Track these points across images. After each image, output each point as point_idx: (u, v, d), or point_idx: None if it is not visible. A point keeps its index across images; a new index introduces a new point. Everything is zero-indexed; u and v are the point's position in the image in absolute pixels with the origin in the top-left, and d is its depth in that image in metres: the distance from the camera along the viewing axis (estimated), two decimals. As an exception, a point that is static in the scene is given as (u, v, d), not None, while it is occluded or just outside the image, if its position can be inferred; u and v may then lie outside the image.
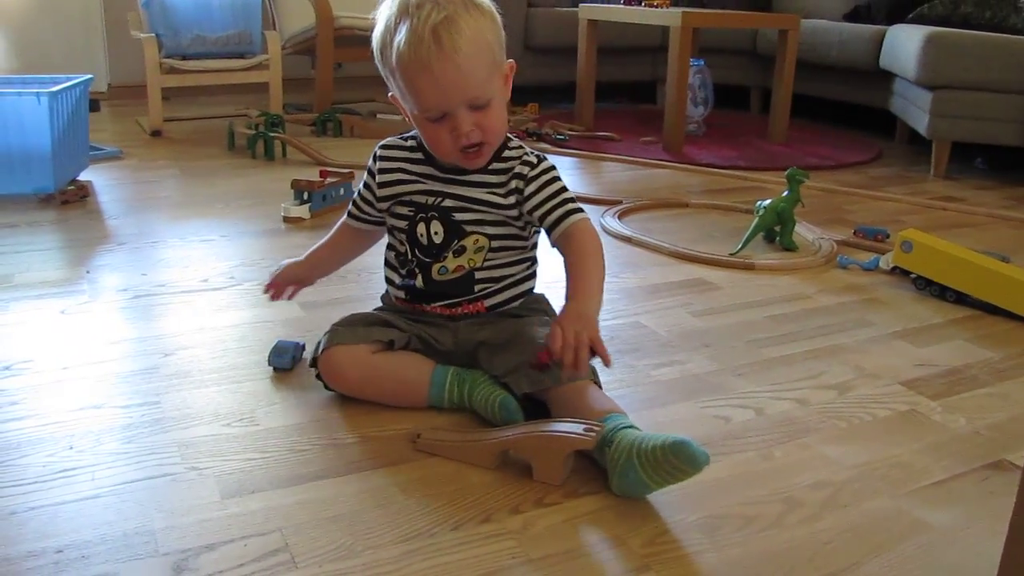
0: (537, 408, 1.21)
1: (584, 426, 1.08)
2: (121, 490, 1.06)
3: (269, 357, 1.39)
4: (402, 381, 1.26)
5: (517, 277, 1.32)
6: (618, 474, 1.05)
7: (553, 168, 1.28)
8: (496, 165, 1.26)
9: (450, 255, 1.27)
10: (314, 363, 1.30)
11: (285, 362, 1.38)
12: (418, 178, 1.28)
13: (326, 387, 1.30)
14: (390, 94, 1.25)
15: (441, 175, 1.27)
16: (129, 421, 1.22)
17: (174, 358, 1.43)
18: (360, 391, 1.28)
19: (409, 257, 1.30)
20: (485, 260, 1.27)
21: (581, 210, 1.25)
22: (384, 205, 1.32)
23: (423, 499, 1.06)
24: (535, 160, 1.27)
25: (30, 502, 1.03)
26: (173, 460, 1.13)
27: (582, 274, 1.20)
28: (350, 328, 1.29)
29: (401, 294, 1.33)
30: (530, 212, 1.25)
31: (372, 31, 1.22)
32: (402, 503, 1.05)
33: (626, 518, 1.03)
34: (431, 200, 1.27)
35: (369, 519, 1.02)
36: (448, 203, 1.26)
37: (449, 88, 1.14)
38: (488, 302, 1.30)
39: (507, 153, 1.27)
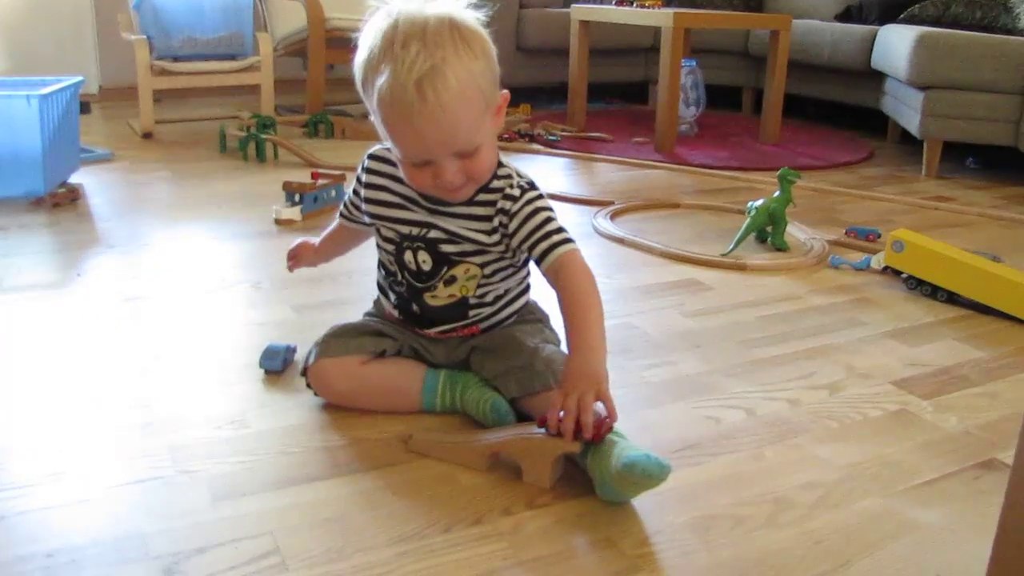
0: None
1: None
2: (111, 493, 1.05)
3: (260, 360, 1.39)
4: (393, 388, 1.26)
5: (512, 295, 1.30)
6: (598, 486, 1.06)
7: (538, 198, 1.19)
8: (482, 197, 1.18)
9: (440, 284, 1.23)
10: (304, 372, 1.29)
11: (276, 365, 1.38)
12: (403, 201, 1.23)
13: (316, 395, 1.29)
14: (371, 117, 1.15)
15: (425, 203, 1.21)
16: (119, 424, 1.22)
17: (165, 361, 1.43)
18: (352, 402, 1.27)
19: (399, 279, 1.27)
20: (478, 287, 1.24)
21: (569, 241, 1.17)
22: (369, 221, 1.28)
23: (414, 501, 1.06)
24: (518, 193, 1.18)
25: (19, 506, 1.02)
26: (164, 463, 1.12)
27: (580, 324, 1.12)
28: (339, 339, 1.27)
29: (395, 313, 1.31)
30: (518, 246, 1.19)
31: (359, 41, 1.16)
32: (393, 505, 1.05)
33: (617, 519, 1.03)
34: (415, 231, 1.22)
35: (360, 521, 1.01)
36: (433, 234, 1.21)
37: (431, 142, 1.07)
38: (483, 325, 1.29)
39: (494, 184, 1.19)
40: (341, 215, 1.39)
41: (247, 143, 3.04)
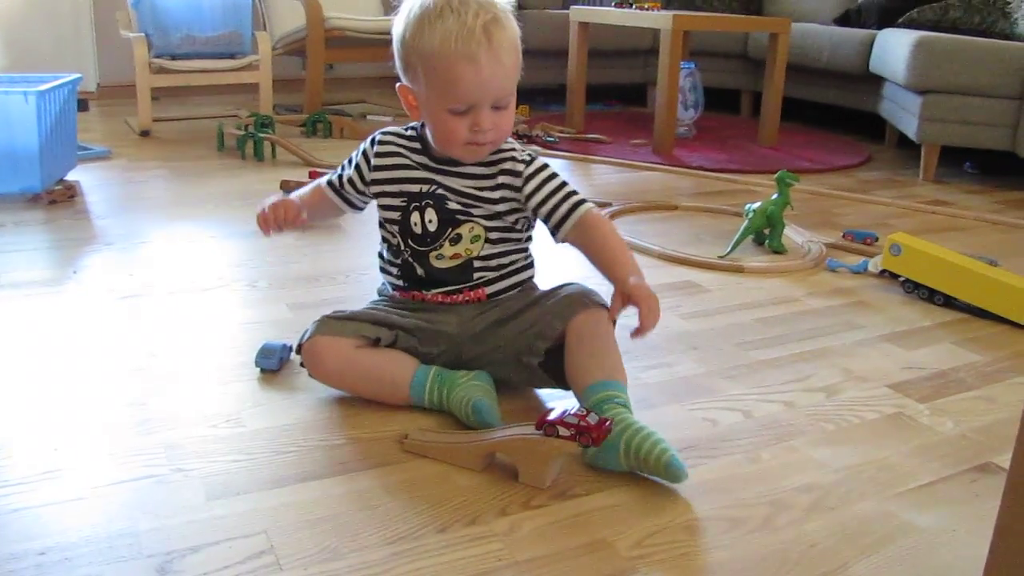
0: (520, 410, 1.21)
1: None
2: (106, 492, 1.05)
3: (256, 358, 1.39)
4: (383, 377, 1.27)
5: (517, 266, 1.34)
6: (595, 452, 1.11)
7: (547, 165, 1.30)
8: (487, 158, 1.28)
9: (446, 243, 1.29)
10: (299, 350, 1.30)
11: (272, 363, 1.38)
12: (414, 164, 1.31)
13: (310, 375, 1.30)
14: (399, 84, 1.26)
15: (435, 165, 1.29)
16: (114, 422, 1.21)
17: (161, 359, 1.43)
18: (339, 383, 1.29)
19: (402, 248, 1.31)
20: (483, 250, 1.29)
21: (586, 200, 1.28)
22: (375, 189, 1.33)
23: (409, 501, 1.05)
24: (528, 158, 1.29)
25: (13, 504, 1.02)
26: (158, 461, 1.12)
27: (622, 253, 1.25)
28: (338, 321, 1.29)
29: (400, 282, 1.34)
30: (534, 210, 1.28)
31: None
32: (388, 505, 1.04)
33: (613, 521, 1.03)
34: (425, 188, 1.29)
35: (355, 521, 1.01)
36: (441, 191, 1.28)
37: (488, 82, 1.18)
38: (489, 289, 1.32)
39: (509, 150, 1.29)
40: (330, 185, 1.39)
41: (245, 142, 3.04)
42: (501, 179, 1.27)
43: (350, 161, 1.37)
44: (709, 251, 2.12)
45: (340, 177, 1.38)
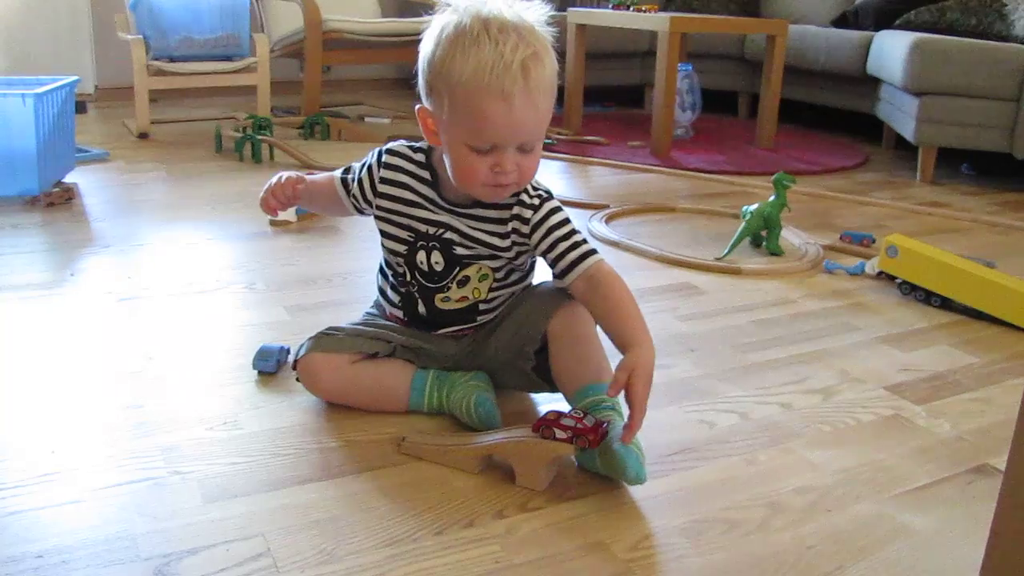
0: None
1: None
2: (103, 494, 1.05)
3: (253, 361, 1.39)
4: (382, 388, 1.26)
5: (516, 290, 1.31)
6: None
7: (558, 208, 1.22)
8: (516, 209, 1.21)
9: (453, 285, 1.25)
10: (295, 366, 1.29)
11: (269, 366, 1.38)
12: (421, 200, 1.24)
13: (307, 390, 1.29)
14: (419, 106, 1.18)
15: (444, 204, 1.23)
16: (112, 425, 1.21)
17: (158, 362, 1.43)
18: (338, 398, 1.28)
19: (408, 279, 1.27)
20: (490, 290, 1.26)
21: (595, 251, 1.20)
22: (379, 213, 1.27)
23: (406, 504, 1.06)
24: (537, 202, 1.21)
25: (10, 506, 1.02)
26: (156, 464, 1.12)
27: (635, 321, 1.15)
28: (333, 337, 1.27)
29: (399, 314, 1.32)
30: (541, 255, 1.22)
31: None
32: (385, 507, 1.05)
33: (610, 523, 1.03)
34: (432, 230, 1.23)
35: (352, 523, 1.01)
36: (449, 235, 1.22)
37: (518, 124, 1.09)
38: (484, 319, 1.30)
39: (524, 198, 1.21)
40: (343, 182, 1.31)
41: (243, 144, 3.04)
42: (512, 224, 1.21)
43: (360, 169, 1.30)
44: (706, 253, 2.13)
45: (354, 180, 1.30)
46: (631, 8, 3.74)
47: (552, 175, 3.05)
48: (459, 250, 1.23)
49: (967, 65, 2.97)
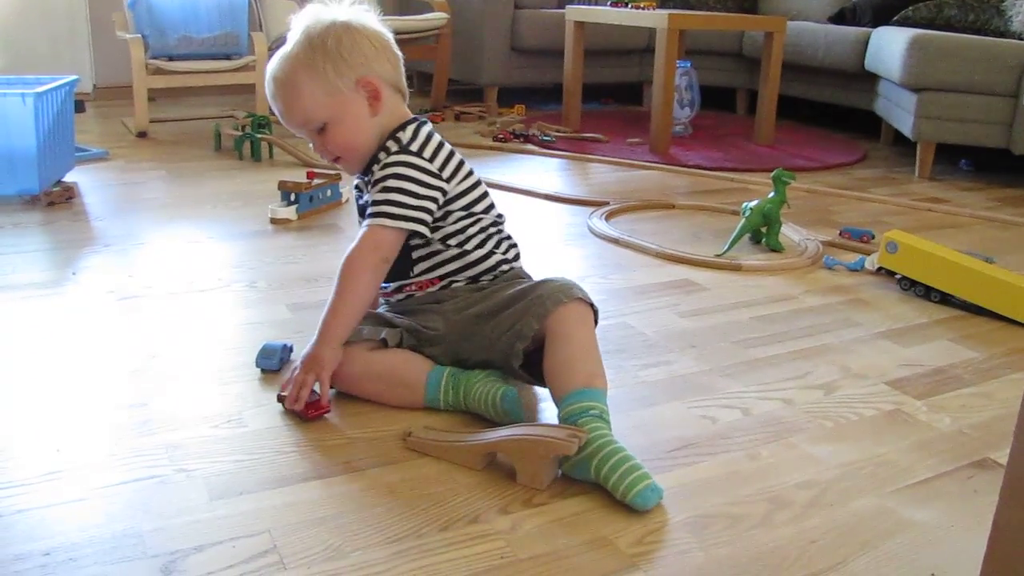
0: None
1: (567, 432, 1.08)
2: (109, 492, 1.05)
3: (257, 359, 1.39)
4: (398, 380, 1.27)
5: (451, 254, 1.33)
6: (571, 463, 1.10)
7: (394, 165, 1.29)
8: (373, 168, 1.33)
9: None
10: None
11: (272, 364, 1.38)
12: (358, 186, 1.42)
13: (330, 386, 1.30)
14: None
15: (359, 181, 1.41)
16: (116, 423, 1.22)
17: (161, 360, 1.43)
18: (358, 389, 1.29)
19: None
20: (409, 247, 1.33)
21: (382, 215, 1.27)
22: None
23: (412, 500, 1.06)
24: (381, 159, 1.32)
25: (17, 505, 1.02)
26: (161, 462, 1.12)
27: (328, 309, 1.27)
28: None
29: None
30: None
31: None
32: (391, 504, 1.05)
33: (614, 519, 1.04)
34: (360, 200, 1.41)
35: (358, 520, 1.02)
36: (363, 201, 1.38)
37: (286, 122, 1.33)
38: (432, 276, 1.34)
39: (379, 155, 1.32)
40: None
41: (242, 142, 3.04)
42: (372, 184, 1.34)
43: None
44: (707, 249, 2.13)
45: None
46: (629, 5, 3.74)
47: (551, 172, 3.06)
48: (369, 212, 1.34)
49: (965, 61, 2.98)
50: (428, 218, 1.29)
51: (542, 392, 1.34)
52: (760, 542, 1.01)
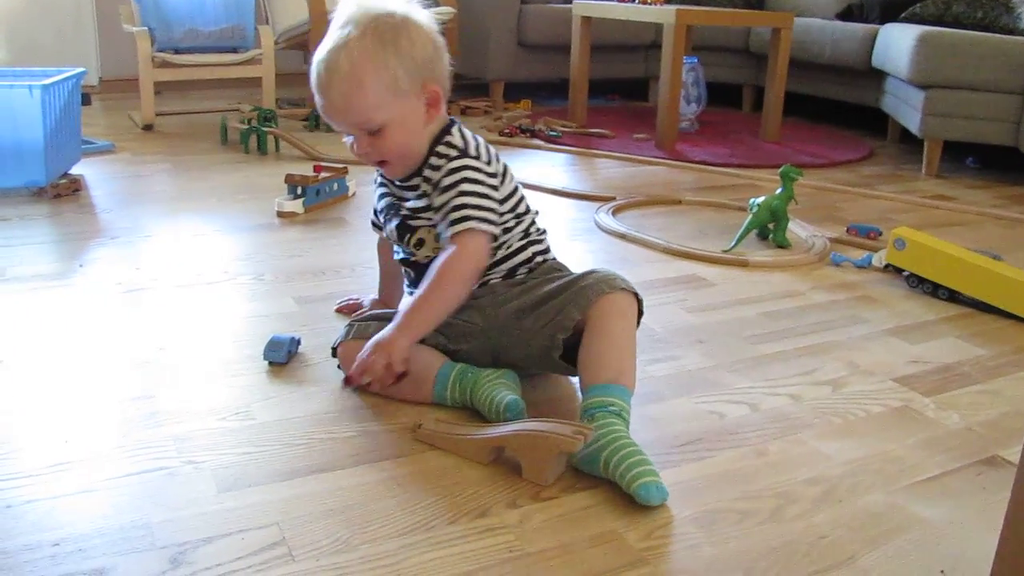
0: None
1: (573, 428, 1.08)
2: (117, 484, 1.05)
3: (264, 351, 1.39)
4: (409, 375, 1.27)
5: (497, 256, 1.33)
6: (581, 456, 1.10)
7: (462, 169, 1.26)
8: (427, 172, 1.29)
9: (412, 248, 1.34)
10: (334, 353, 1.34)
11: (280, 356, 1.38)
12: (390, 186, 1.37)
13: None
14: None
15: (397, 183, 1.35)
16: (124, 415, 1.22)
17: (169, 352, 1.43)
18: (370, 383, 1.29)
19: (400, 253, 1.40)
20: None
21: (472, 219, 1.24)
22: (381, 214, 1.41)
23: (420, 493, 1.06)
24: (443, 163, 1.27)
25: (26, 495, 1.02)
26: (169, 454, 1.12)
27: (415, 302, 1.25)
28: (364, 323, 1.33)
29: (409, 289, 1.42)
30: (440, 219, 1.28)
31: None
32: (399, 497, 1.05)
33: (623, 513, 1.04)
34: (392, 203, 1.37)
35: (366, 512, 1.02)
36: (399, 204, 1.36)
37: (333, 116, 1.25)
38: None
39: (433, 159, 1.28)
40: (373, 225, 1.49)
41: (248, 136, 3.04)
42: (423, 188, 1.30)
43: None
44: (714, 245, 2.13)
45: (374, 214, 1.46)
46: (636, 0, 3.73)
47: (558, 167, 3.05)
48: (404, 213, 1.34)
49: (973, 58, 2.97)
50: (500, 221, 1.29)
51: (567, 390, 1.34)
52: (769, 537, 1.01)
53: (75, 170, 2.59)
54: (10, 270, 1.78)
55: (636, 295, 1.27)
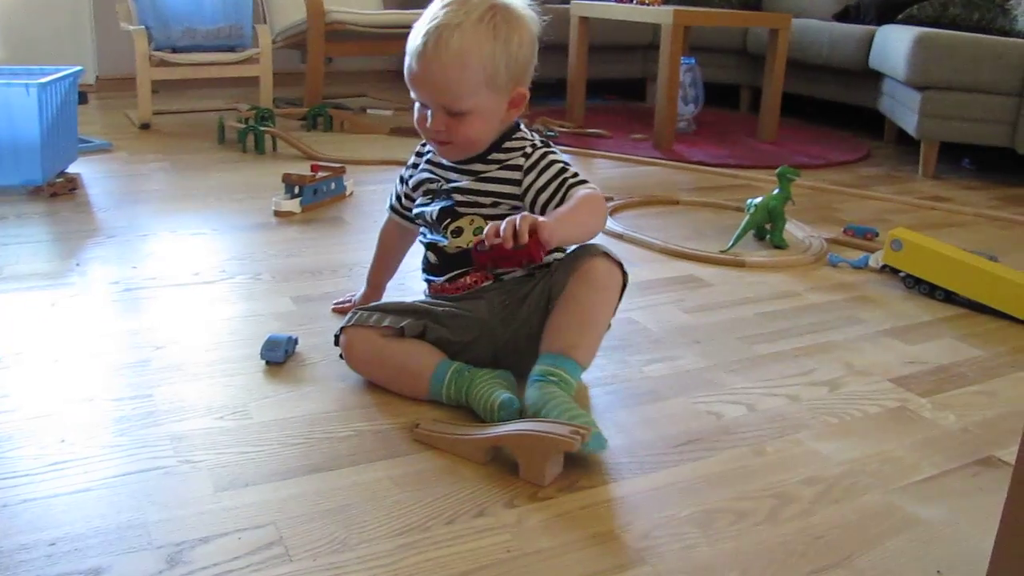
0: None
1: (571, 428, 1.08)
2: (114, 483, 1.05)
3: (261, 351, 1.39)
4: (406, 369, 1.28)
5: None
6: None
7: (553, 153, 1.32)
8: (495, 155, 1.32)
9: (448, 235, 1.34)
10: (337, 340, 1.34)
11: (277, 356, 1.38)
12: (435, 167, 1.38)
13: (347, 364, 1.34)
14: None
15: (448, 164, 1.36)
16: (121, 414, 1.22)
17: (166, 351, 1.43)
18: (368, 372, 1.32)
19: (427, 237, 1.40)
20: None
21: (587, 183, 1.28)
22: (414, 195, 1.43)
23: (417, 493, 1.06)
24: (530, 149, 1.32)
25: (22, 495, 1.02)
26: (166, 453, 1.12)
27: (562, 213, 1.22)
28: (368, 312, 1.33)
29: (425, 273, 1.42)
30: (533, 201, 1.29)
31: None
32: (396, 497, 1.05)
33: (620, 513, 1.04)
34: (439, 186, 1.37)
35: (363, 512, 1.02)
36: (448, 187, 1.35)
37: (420, 81, 1.25)
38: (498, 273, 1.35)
39: (508, 144, 1.32)
40: (392, 209, 1.51)
41: (246, 135, 3.03)
42: (506, 174, 1.31)
43: (400, 178, 1.47)
44: (711, 246, 2.13)
45: (397, 199, 1.49)
46: (634, 1, 3.73)
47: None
48: (456, 197, 1.34)
49: (970, 60, 2.97)
50: None
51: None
52: (767, 537, 1.01)
53: (72, 169, 2.59)
54: (6, 269, 1.78)
55: (621, 267, 1.30)
